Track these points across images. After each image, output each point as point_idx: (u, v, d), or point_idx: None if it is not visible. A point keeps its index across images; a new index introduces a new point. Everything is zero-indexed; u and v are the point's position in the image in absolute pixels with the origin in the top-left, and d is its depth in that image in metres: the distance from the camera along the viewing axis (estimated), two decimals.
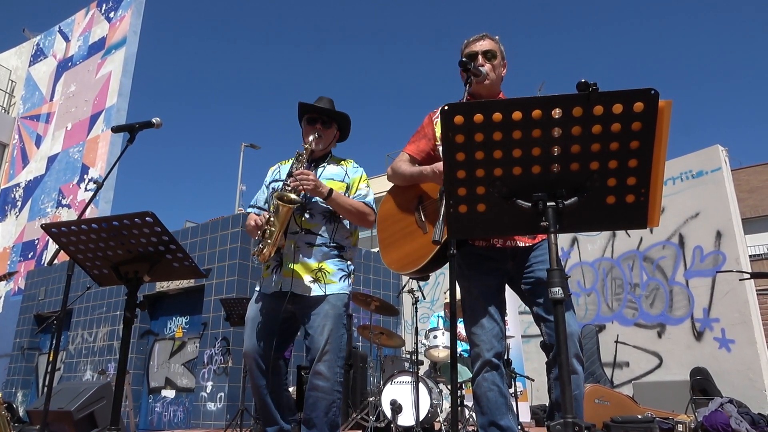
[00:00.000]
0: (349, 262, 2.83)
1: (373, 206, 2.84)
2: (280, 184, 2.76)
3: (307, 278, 2.68)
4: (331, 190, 2.68)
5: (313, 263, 2.70)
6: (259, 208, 2.94)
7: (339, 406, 2.62)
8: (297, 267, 2.68)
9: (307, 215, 2.74)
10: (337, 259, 2.76)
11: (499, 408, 2.12)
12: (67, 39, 16.37)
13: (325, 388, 2.56)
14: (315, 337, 2.61)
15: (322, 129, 2.85)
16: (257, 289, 2.84)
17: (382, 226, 2.51)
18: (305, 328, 2.67)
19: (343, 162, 2.93)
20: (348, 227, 2.85)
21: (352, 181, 2.86)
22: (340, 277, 2.74)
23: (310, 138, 2.77)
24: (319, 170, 2.86)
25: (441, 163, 2.22)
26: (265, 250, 2.62)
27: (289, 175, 2.68)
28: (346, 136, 3.04)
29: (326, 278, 2.70)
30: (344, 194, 2.79)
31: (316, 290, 2.67)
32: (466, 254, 2.26)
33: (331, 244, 2.75)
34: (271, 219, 2.63)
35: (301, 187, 2.61)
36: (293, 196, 2.59)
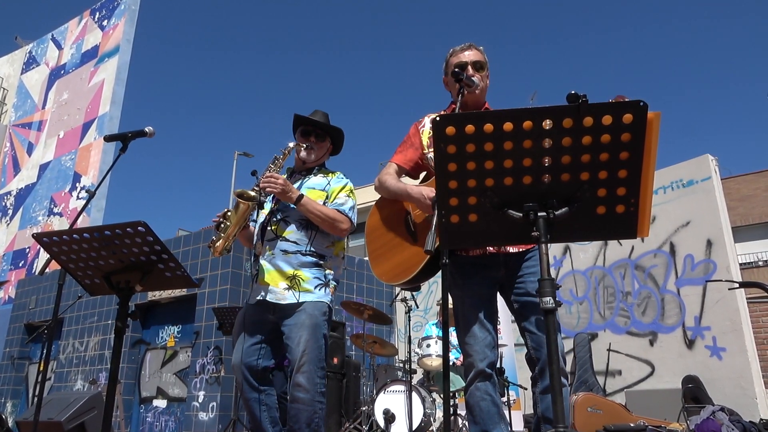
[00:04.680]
0: (328, 271, 2.79)
1: (349, 215, 2.81)
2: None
3: (282, 285, 2.69)
4: (301, 196, 2.69)
5: (288, 270, 2.70)
6: (252, 220, 2.97)
7: (321, 416, 2.61)
8: (272, 274, 2.70)
9: (282, 223, 2.76)
10: (314, 268, 2.74)
11: (491, 417, 2.13)
12: (59, 47, 16.35)
13: (305, 399, 2.55)
14: (292, 348, 2.61)
15: (316, 141, 2.89)
16: (246, 300, 2.86)
17: (371, 237, 2.50)
18: (284, 339, 2.67)
19: (330, 174, 2.94)
20: (329, 236, 2.83)
21: (332, 190, 2.85)
22: (316, 286, 2.71)
23: (302, 148, 2.82)
24: (303, 180, 2.89)
25: (428, 189, 2.22)
26: (218, 243, 2.65)
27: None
28: (339, 150, 3.07)
29: (301, 286, 2.69)
30: (322, 203, 2.79)
31: (290, 298, 2.67)
32: (458, 263, 2.26)
33: (308, 251, 2.74)
34: (229, 213, 2.67)
35: (268, 188, 2.64)
36: (252, 193, 2.62)
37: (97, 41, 15.09)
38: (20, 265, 13.93)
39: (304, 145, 2.85)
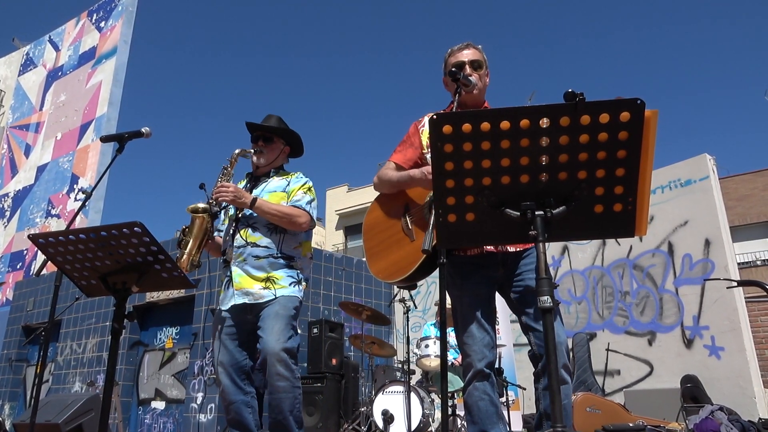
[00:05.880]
0: (299, 271, 2.87)
1: (306, 209, 2.88)
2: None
3: (257, 287, 2.75)
4: (254, 199, 2.76)
5: (261, 274, 2.78)
6: (217, 230, 3.05)
7: (300, 401, 2.68)
8: (246, 279, 2.76)
9: (250, 229, 2.82)
10: (286, 269, 2.82)
11: (489, 417, 2.12)
12: (57, 48, 16.32)
13: (286, 387, 2.60)
14: (266, 338, 2.65)
15: (264, 145, 2.96)
16: (217, 307, 2.89)
17: (368, 235, 2.50)
18: (257, 332, 2.72)
19: (290, 175, 3.01)
20: (297, 237, 2.90)
21: (291, 189, 2.92)
22: (290, 283, 2.80)
23: (252, 153, 2.91)
24: (262, 185, 2.95)
25: (429, 167, 2.22)
26: (182, 259, 2.70)
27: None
28: (300, 152, 3.13)
29: (276, 284, 2.77)
30: (285, 203, 2.87)
31: (267, 295, 2.74)
32: (457, 263, 2.26)
33: (278, 255, 2.81)
34: (186, 230, 2.73)
35: (220, 198, 2.72)
36: (202, 205, 2.70)
37: (94, 43, 15.06)
38: (18, 267, 13.90)
39: (252, 150, 2.91)
